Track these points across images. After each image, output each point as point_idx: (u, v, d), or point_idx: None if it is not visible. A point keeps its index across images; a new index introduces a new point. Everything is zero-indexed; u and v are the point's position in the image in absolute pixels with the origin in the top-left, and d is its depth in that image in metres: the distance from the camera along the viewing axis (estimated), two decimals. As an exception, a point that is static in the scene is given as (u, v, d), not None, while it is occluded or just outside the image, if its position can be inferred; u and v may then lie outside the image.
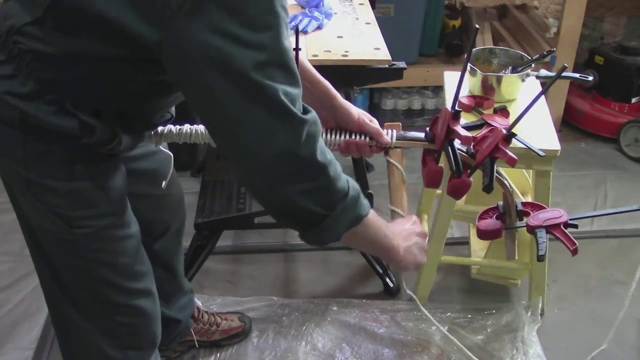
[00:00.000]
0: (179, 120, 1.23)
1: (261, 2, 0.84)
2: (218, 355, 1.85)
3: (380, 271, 2.08)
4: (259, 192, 0.98)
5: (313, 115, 0.95)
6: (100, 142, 1.03)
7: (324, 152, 0.97)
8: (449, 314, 1.98)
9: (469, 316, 1.97)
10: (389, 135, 1.20)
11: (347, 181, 1.01)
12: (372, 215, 1.05)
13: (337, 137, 1.20)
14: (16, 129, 0.99)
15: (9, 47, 0.96)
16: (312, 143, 0.94)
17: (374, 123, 1.21)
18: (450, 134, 1.12)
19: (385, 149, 1.22)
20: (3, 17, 0.98)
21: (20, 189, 1.07)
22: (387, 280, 2.07)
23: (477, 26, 1.10)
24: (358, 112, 1.21)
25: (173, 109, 1.22)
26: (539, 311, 1.96)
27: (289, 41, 0.90)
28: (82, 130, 1.00)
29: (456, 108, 1.11)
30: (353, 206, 1.00)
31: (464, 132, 1.09)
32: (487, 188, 1.07)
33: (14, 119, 0.98)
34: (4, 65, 0.97)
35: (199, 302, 1.90)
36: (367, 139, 1.20)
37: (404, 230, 1.15)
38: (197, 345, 1.83)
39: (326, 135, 1.20)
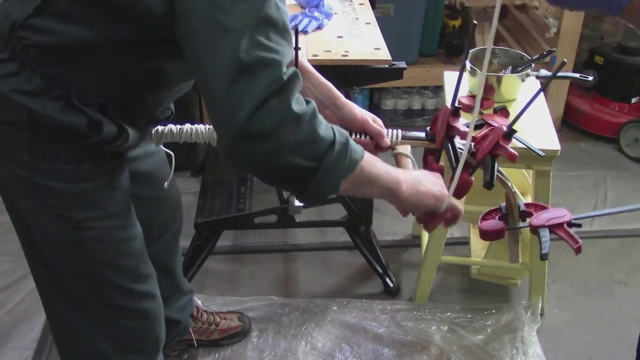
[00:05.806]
0: (179, 119, 1.23)
1: None
2: (217, 354, 1.84)
3: (380, 271, 2.07)
4: (242, 157, 0.91)
5: (295, 72, 0.90)
6: (108, 139, 1.02)
7: (300, 101, 0.91)
8: (449, 314, 1.98)
9: (469, 316, 1.97)
10: (393, 134, 1.20)
11: (332, 128, 0.94)
12: (367, 156, 0.98)
13: None
14: (23, 129, 0.99)
15: (12, 45, 0.96)
16: (289, 95, 0.88)
17: (378, 123, 1.21)
18: (450, 131, 1.11)
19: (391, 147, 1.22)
20: (4, 16, 0.98)
21: (23, 192, 1.06)
22: (387, 280, 2.07)
23: (475, 22, 1.10)
24: (361, 112, 1.20)
25: (172, 106, 1.22)
26: (539, 311, 1.96)
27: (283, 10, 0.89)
28: (89, 127, 0.99)
29: (455, 105, 1.11)
30: (343, 152, 0.93)
31: (463, 128, 1.09)
32: (488, 185, 1.07)
33: (21, 119, 0.98)
34: (8, 63, 0.97)
35: (198, 301, 1.90)
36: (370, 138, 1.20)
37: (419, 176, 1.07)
38: (195, 345, 1.83)
39: None
